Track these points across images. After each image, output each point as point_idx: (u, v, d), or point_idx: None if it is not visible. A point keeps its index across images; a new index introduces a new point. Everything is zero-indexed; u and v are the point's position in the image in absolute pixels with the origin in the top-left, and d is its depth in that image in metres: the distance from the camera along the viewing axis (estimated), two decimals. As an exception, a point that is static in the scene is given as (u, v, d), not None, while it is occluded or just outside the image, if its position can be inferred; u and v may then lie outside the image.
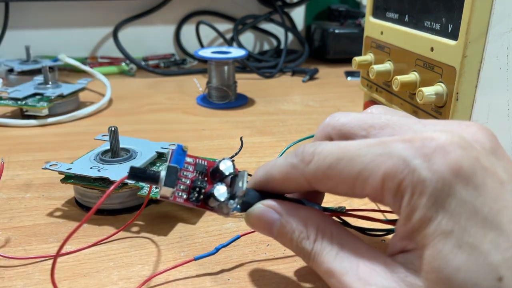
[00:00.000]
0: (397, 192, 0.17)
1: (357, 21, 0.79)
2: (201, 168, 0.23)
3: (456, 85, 0.32)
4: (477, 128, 0.20)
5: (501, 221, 0.16)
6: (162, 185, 0.21)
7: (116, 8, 0.77)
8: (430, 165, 0.17)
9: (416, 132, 0.20)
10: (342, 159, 0.19)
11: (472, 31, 0.30)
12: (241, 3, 0.82)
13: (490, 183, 0.17)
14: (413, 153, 0.17)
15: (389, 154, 0.18)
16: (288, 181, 0.21)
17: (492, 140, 0.19)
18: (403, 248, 0.18)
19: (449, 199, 0.16)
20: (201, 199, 0.22)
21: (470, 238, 0.16)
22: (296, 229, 0.21)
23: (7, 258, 0.27)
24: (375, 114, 0.22)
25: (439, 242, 0.16)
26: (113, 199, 0.31)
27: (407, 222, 0.18)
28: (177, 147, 0.22)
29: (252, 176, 0.23)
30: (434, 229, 0.17)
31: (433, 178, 0.17)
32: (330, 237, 0.20)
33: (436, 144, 0.17)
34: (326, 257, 0.19)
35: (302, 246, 0.20)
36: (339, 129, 0.22)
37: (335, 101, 0.59)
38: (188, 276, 0.26)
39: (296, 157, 0.20)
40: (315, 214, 0.21)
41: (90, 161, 0.33)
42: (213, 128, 0.49)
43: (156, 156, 0.35)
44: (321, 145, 0.20)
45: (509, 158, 0.19)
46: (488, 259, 0.16)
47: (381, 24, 0.42)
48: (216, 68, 0.55)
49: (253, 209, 0.22)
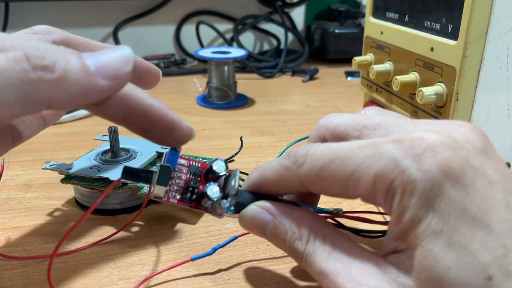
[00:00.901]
0: (388, 192, 0.18)
1: (357, 21, 0.79)
2: (194, 169, 0.23)
3: (456, 85, 0.32)
4: (469, 128, 0.20)
5: (490, 220, 0.16)
6: (155, 183, 0.21)
7: (116, 8, 0.77)
8: (420, 165, 0.17)
9: (407, 132, 0.20)
10: (333, 161, 0.19)
11: (472, 31, 0.30)
12: (241, 3, 0.82)
13: (479, 183, 0.17)
14: (403, 154, 0.17)
15: (379, 155, 0.18)
16: (282, 183, 0.21)
17: (483, 140, 0.19)
18: (395, 248, 0.18)
19: (438, 199, 0.17)
20: (194, 199, 0.22)
21: (459, 238, 0.16)
22: (289, 230, 0.21)
23: (7, 258, 0.27)
24: (368, 115, 0.23)
25: (429, 241, 0.17)
26: (113, 199, 0.31)
27: (398, 222, 0.18)
28: (171, 148, 0.22)
29: (247, 178, 0.23)
30: (424, 228, 0.17)
31: (422, 178, 0.17)
32: (322, 238, 0.20)
33: (426, 144, 0.17)
34: (318, 257, 0.20)
35: (294, 247, 0.21)
36: (332, 130, 0.23)
37: (335, 101, 0.59)
38: (188, 276, 0.26)
39: (289, 159, 0.21)
40: (308, 215, 0.21)
41: (90, 161, 0.33)
42: (213, 128, 0.49)
43: (156, 156, 0.35)
44: (313, 147, 0.20)
45: (500, 158, 0.19)
46: (478, 258, 0.16)
47: (381, 24, 0.42)
48: (216, 68, 0.55)
49: (247, 210, 0.22)
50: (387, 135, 0.20)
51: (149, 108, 0.21)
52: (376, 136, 0.21)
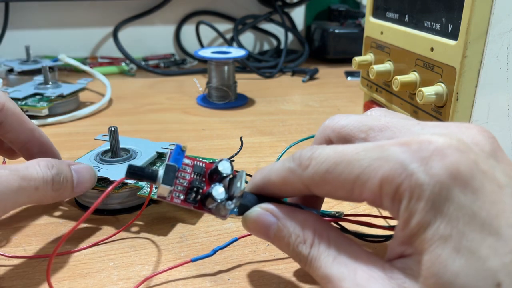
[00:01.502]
0: (395, 196, 0.17)
1: (357, 21, 0.79)
2: (199, 169, 0.23)
3: (456, 85, 0.32)
4: (477, 130, 0.19)
5: (499, 225, 0.16)
6: (160, 183, 0.21)
7: (116, 8, 0.77)
8: (428, 169, 0.17)
9: (415, 134, 0.19)
10: (339, 164, 0.18)
11: (472, 31, 0.30)
12: (241, 3, 0.82)
13: (488, 187, 0.17)
14: (411, 157, 0.17)
15: (386, 158, 0.17)
16: (285, 185, 0.21)
17: (492, 143, 0.19)
18: (402, 253, 0.18)
19: (447, 203, 0.16)
20: (198, 199, 0.22)
21: (468, 243, 0.16)
22: (293, 233, 0.20)
23: (7, 258, 0.27)
24: (374, 116, 0.22)
25: (438, 247, 0.16)
26: (113, 199, 0.31)
27: (405, 227, 0.17)
28: (176, 147, 0.22)
29: (250, 180, 0.23)
30: (432, 233, 0.16)
31: (430, 182, 0.16)
32: (327, 241, 0.20)
33: (433, 147, 0.17)
34: (323, 262, 0.19)
35: (298, 250, 0.20)
36: (338, 132, 0.22)
37: (335, 101, 0.59)
38: (188, 276, 0.26)
39: (293, 161, 0.20)
40: (312, 218, 0.21)
41: (90, 161, 0.33)
42: (213, 128, 0.49)
43: (156, 156, 0.35)
44: (318, 149, 0.20)
45: (509, 161, 0.19)
46: (487, 264, 0.15)
47: (381, 24, 0.42)
48: (216, 68, 0.55)
49: (250, 212, 0.22)
50: (393, 137, 0.20)
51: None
52: (383, 138, 0.20)
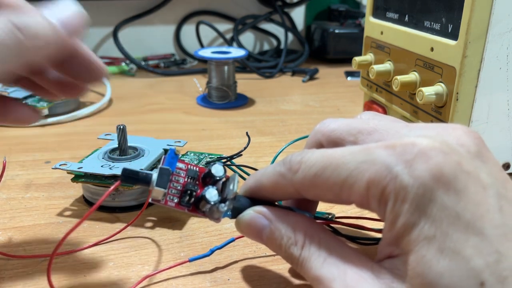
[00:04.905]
0: (381, 198, 0.18)
1: (357, 21, 0.79)
2: (192, 173, 0.23)
3: (456, 85, 0.32)
4: (463, 131, 0.19)
5: (483, 226, 0.16)
6: (154, 186, 0.21)
7: (116, 8, 0.77)
8: (411, 171, 0.17)
9: (401, 137, 0.20)
10: (327, 168, 0.19)
11: (472, 31, 0.30)
12: (241, 3, 0.82)
13: (472, 188, 0.17)
14: (395, 160, 0.17)
15: (372, 161, 0.18)
16: (277, 189, 0.22)
17: (478, 143, 0.19)
18: (390, 253, 0.18)
19: (430, 204, 0.17)
20: (192, 202, 0.23)
21: (452, 243, 0.16)
22: (285, 235, 0.21)
23: (7, 258, 0.27)
24: (363, 119, 0.23)
25: (422, 247, 0.16)
26: (126, 196, 0.32)
27: (391, 228, 0.18)
28: (170, 151, 0.22)
29: (244, 184, 0.24)
30: (417, 234, 0.17)
31: (414, 184, 0.17)
32: (318, 243, 0.20)
33: (417, 149, 0.17)
34: (314, 263, 0.20)
35: (290, 252, 0.21)
36: (328, 135, 0.23)
37: (335, 101, 0.59)
38: (188, 276, 0.26)
39: (284, 166, 0.21)
40: (303, 220, 0.21)
41: (99, 160, 0.33)
42: (213, 128, 0.49)
43: (164, 153, 0.35)
44: (308, 153, 0.20)
45: (495, 161, 0.19)
46: (470, 264, 0.16)
47: (381, 24, 0.42)
48: (216, 68, 0.55)
49: (243, 215, 0.22)
50: (381, 140, 0.20)
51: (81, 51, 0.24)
52: (371, 141, 0.21)
